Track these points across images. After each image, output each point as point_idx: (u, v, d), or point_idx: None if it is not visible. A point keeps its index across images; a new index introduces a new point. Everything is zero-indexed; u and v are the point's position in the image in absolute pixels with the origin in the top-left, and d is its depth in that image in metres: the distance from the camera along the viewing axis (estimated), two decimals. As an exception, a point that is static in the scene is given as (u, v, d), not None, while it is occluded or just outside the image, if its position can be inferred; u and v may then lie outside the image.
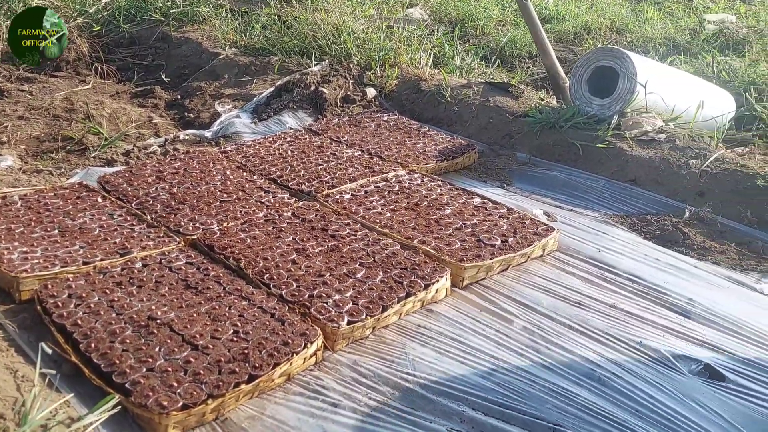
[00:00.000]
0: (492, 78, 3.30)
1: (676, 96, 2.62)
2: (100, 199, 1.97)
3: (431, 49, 3.54)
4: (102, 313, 1.45)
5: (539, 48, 3.18)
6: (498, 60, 3.82)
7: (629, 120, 2.53)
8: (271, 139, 2.58)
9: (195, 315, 1.47)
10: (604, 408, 1.35)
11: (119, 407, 1.22)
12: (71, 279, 1.55)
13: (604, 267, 1.87)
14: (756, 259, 1.93)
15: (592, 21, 4.46)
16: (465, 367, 1.46)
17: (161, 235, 1.81)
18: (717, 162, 2.26)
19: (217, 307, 1.51)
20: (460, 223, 1.96)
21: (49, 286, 1.51)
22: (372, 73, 3.23)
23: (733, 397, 1.40)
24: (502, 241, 1.87)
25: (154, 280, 1.59)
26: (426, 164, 2.40)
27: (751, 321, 1.66)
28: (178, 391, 1.25)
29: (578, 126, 2.59)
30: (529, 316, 1.65)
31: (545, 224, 1.98)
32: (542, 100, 2.92)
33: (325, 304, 1.55)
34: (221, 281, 1.62)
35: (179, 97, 3.17)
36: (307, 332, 1.45)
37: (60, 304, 1.46)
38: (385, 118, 2.87)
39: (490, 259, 1.79)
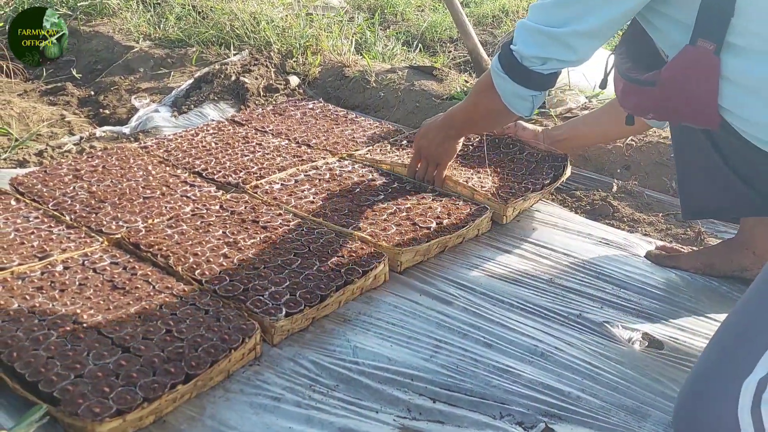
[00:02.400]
0: (415, 62, 3.29)
1: (596, 73, 2.66)
2: (13, 202, 1.85)
3: (353, 36, 3.50)
4: (23, 320, 1.35)
5: (461, 31, 3.19)
6: (420, 45, 3.81)
7: (553, 98, 2.56)
8: (193, 131, 2.49)
9: (124, 316, 1.40)
10: (549, 382, 1.36)
11: (48, 417, 1.14)
12: (-14, 286, 1.46)
13: (538, 244, 1.88)
14: (683, 228, 1.98)
15: (510, 4, 4.51)
16: (408, 351, 1.44)
17: (82, 235, 1.72)
18: (640, 135, 2.31)
19: (148, 307, 1.44)
20: (395, 208, 1.94)
21: (-38, 296, 1.41)
22: (294, 61, 3.17)
23: (671, 363, 1.43)
24: (437, 224, 1.86)
25: (77, 283, 1.51)
26: (356, 151, 2.37)
27: (683, 288, 1.70)
28: (111, 396, 1.18)
29: (504, 106, 2.60)
30: (468, 296, 1.64)
31: (478, 205, 1.98)
32: (467, 82, 2.93)
33: (261, 297, 1.50)
34: (150, 280, 1.54)
35: (93, 93, 3.03)
36: (245, 327, 1.39)
37: (-24, 313, 1.36)
38: (311, 106, 2.82)
39: (426, 242, 1.77)
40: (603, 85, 1.64)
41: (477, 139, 2.38)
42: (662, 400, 1.32)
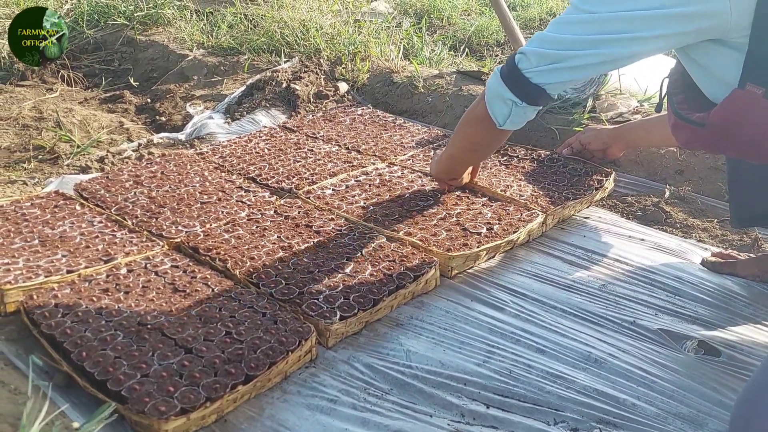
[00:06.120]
0: (462, 67, 3.30)
1: (648, 76, 2.65)
2: (78, 207, 1.93)
3: (400, 42, 3.53)
4: (91, 321, 1.41)
5: (509, 35, 3.19)
6: (467, 49, 3.82)
7: (604, 102, 2.54)
8: (246, 138, 2.55)
9: (186, 318, 1.45)
10: (603, 389, 1.36)
11: (116, 415, 1.19)
12: (56, 288, 1.52)
13: (590, 249, 1.88)
14: (739, 234, 1.95)
15: (557, 6, 4.49)
16: (460, 356, 1.45)
17: (144, 239, 1.78)
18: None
19: (208, 309, 1.48)
20: (445, 213, 1.96)
21: (35, 297, 1.47)
22: (343, 68, 3.22)
23: (729, 372, 1.42)
24: (487, 229, 1.87)
25: (140, 285, 1.57)
26: (402, 155, 2.39)
27: (740, 295, 1.68)
28: (176, 395, 1.22)
29: (553, 111, 2.60)
30: (520, 302, 1.65)
31: (529, 210, 1.99)
32: (515, 87, 2.92)
33: (316, 301, 1.54)
34: (209, 283, 1.59)
35: (149, 100, 3.12)
36: (301, 329, 1.43)
37: (47, 314, 1.42)
38: (360, 112, 2.86)
39: (477, 247, 1.79)
40: (658, 108, 1.63)
41: (522, 152, 2.39)
42: (719, 408, 1.31)
